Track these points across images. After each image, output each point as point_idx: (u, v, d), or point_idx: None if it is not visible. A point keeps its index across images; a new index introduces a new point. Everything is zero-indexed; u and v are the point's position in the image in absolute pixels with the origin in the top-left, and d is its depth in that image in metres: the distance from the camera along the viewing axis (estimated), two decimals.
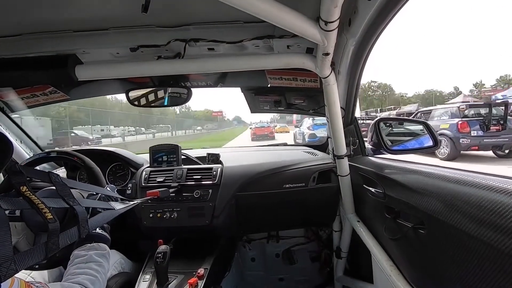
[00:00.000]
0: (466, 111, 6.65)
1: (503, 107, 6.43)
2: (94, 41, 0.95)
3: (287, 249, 1.77)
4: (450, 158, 6.45)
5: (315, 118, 9.54)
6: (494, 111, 6.36)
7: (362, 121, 6.94)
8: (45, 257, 0.58)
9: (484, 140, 6.17)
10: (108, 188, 1.02)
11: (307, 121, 10.97)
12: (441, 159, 6.59)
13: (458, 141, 6.25)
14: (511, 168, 5.47)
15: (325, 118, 1.25)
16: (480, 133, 6.19)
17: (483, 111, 6.55)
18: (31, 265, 0.55)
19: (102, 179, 1.11)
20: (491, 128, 6.14)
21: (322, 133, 9.15)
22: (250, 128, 19.98)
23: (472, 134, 6.20)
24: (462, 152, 6.42)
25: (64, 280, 0.71)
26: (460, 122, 6.36)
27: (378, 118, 1.20)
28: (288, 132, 23.42)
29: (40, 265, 0.86)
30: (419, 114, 8.48)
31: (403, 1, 0.65)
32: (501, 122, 6.20)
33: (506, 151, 6.41)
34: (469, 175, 0.59)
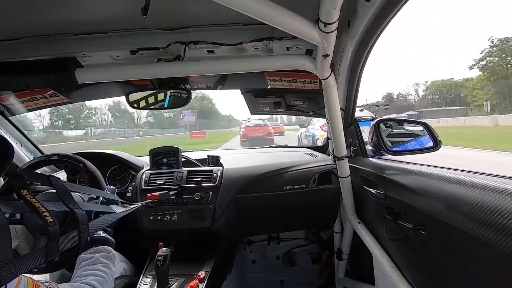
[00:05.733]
0: None
1: None
2: (94, 44, 0.95)
3: (288, 251, 1.77)
4: None
5: None
6: None
7: None
8: (45, 261, 0.58)
9: None
10: (108, 192, 1.02)
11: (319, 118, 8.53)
12: None
13: None
14: None
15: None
16: None
17: None
18: (30, 269, 0.55)
19: (102, 182, 1.11)
20: None
21: None
22: (240, 128, 15.84)
23: None
24: None
25: (73, 282, 0.72)
26: None
27: (378, 119, 1.20)
28: (282, 132, 18.18)
29: (39, 269, 0.86)
30: None
31: (402, 2, 0.66)
32: None
33: None
34: (470, 176, 0.59)
